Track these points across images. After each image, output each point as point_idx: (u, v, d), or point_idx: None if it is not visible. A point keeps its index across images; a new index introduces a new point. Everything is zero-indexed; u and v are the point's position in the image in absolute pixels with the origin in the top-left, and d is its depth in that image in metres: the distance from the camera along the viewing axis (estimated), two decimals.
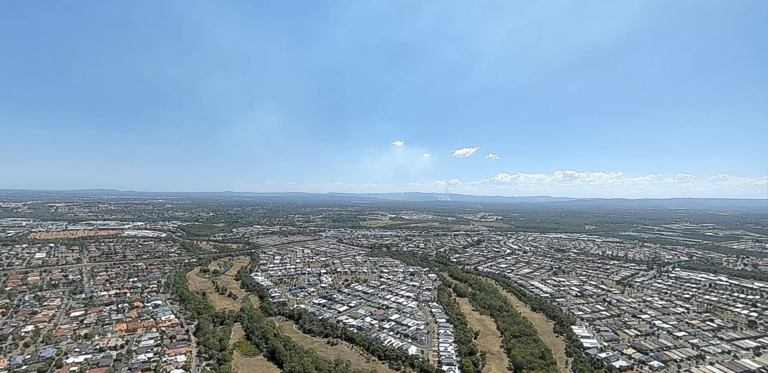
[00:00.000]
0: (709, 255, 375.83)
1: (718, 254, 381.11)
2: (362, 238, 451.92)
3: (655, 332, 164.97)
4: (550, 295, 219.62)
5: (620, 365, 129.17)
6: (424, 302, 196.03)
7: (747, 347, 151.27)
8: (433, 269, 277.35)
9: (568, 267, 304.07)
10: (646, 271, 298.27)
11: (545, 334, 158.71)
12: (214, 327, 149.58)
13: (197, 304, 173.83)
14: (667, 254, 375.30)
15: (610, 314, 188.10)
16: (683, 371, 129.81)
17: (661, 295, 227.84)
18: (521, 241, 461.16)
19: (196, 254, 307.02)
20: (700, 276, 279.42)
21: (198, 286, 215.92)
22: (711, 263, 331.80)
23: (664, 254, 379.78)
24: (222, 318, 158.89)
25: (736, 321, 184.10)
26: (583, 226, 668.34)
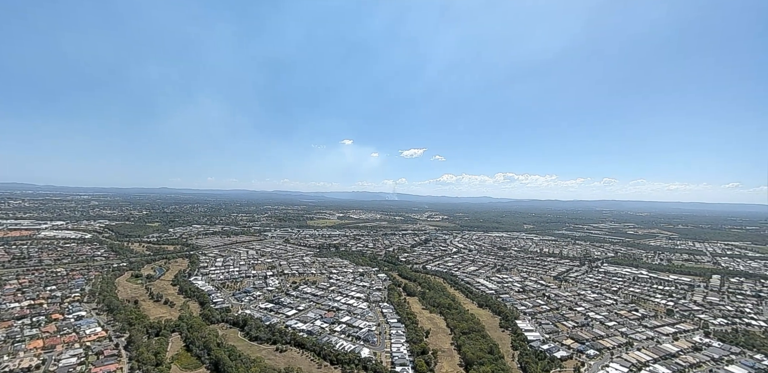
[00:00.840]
0: (631, 251, 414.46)
1: (638, 250, 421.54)
2: (310, 238, 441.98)
3: (590, 323, 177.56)
4: (495, 291, 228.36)
5: (561, 355, 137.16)
6: (374, 303, 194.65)
7: (667, 332, 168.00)
8: (383, 269, 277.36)
9: (510, 264, 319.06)
10: (579, 266, 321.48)
11: (492, 329, 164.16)
12: (149, 339, 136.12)
13: (128, 314, 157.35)
14: (596, 251, 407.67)
15: (549, 308, 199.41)
16: (615, 357, 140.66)
17: (592, 288, 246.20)
18: (466, 240, 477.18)
19: (126, 257, 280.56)
20: (625, 270, 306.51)
21: (129, 293, 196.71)
22: (633, 259, 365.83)
23: (593, 250, 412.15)
24: (158, 329, 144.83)
25: (657, 310, 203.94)
26: (522, 225, 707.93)
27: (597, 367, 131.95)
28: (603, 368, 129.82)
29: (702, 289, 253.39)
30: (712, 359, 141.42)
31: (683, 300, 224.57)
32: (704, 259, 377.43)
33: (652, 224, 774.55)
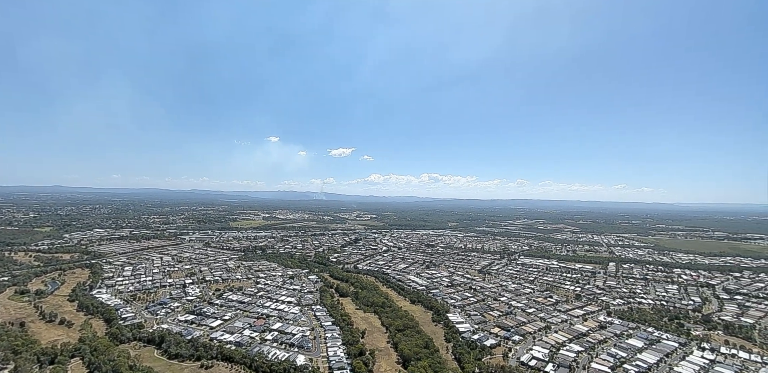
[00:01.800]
0: (543, 244, 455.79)
1: (548, 243, 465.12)
2: (233, 240, 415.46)
3: (513, 311, 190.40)
4: (426, 287, 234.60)
5: (490, 343, 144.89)
6: (307, 306, 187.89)
7: (577, 315, 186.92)
8: (313, 271, 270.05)
9: (438, 260, 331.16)
10: (500, 260, 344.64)
11: (425, 324, 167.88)
12: (41, 369, 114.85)
13: (12, 339, 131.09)
14: (513, 245, 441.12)
15: (476, 300, 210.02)
16: (537, 340, 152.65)
17: (513, 279, 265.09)
18: (395, 238, 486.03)
19: (8, 269, 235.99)
20: (539, 261, 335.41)
21: (13, 314, 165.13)
22: (545, 251, 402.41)
23: (511, 245, 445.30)
24: (52, 355, 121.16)
25: (567, 295, 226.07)
26: (447, 223, 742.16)
27: (522, 351, 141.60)
28: (527, 352, 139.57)
29: (602, 275, 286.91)
30: (615, 334, 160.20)
31: (588, 285, 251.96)
32: (602, 249, 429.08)
33: (558, 220, 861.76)
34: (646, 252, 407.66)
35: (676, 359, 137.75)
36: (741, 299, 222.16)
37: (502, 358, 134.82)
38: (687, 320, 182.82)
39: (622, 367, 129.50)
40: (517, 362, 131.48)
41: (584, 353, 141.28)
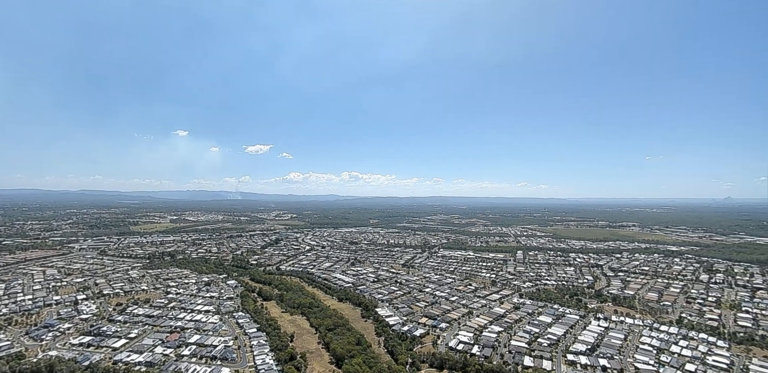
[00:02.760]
0: (459, 237, 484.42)
1: (464, 236, 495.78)
2: (136, 247, 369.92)
3: (438, 301, 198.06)
4: (352, 284, 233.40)
5: (420, 333, 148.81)
6: (227, 314, 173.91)
7: (495, 299, 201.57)
8: (232, 275, 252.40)
9: (363, 257, 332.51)
10: (421, 253, 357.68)
11: (355, 321, 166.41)
12: None
13: None
14: (433, 239, 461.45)
15: (403, 293, 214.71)
16: (462, 326, 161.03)
17: (435, 271, 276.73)
18: (318, 237, 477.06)
19: None
20: (457, 253, 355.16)
21: None
22: (462, 243, 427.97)
23: (430, 239, 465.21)
24: None
25: (484, 282, 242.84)
26: (369, 220, 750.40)
27: (450, 337, 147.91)
28: (454, 337, 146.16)
29: (512, 262, 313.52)
30: (528, 313, 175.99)
31: (501, 272, 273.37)
32: (510, 239, 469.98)
33: (471, 215, 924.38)
34: (546, 240, 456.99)
35: (578, 330, 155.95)
36: (623, 276, 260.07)
37: (432, 346, 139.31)
38: (584, 296, 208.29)
39: (537, 341, 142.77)
40: (446, 348, 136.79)
41: (504, 332, 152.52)
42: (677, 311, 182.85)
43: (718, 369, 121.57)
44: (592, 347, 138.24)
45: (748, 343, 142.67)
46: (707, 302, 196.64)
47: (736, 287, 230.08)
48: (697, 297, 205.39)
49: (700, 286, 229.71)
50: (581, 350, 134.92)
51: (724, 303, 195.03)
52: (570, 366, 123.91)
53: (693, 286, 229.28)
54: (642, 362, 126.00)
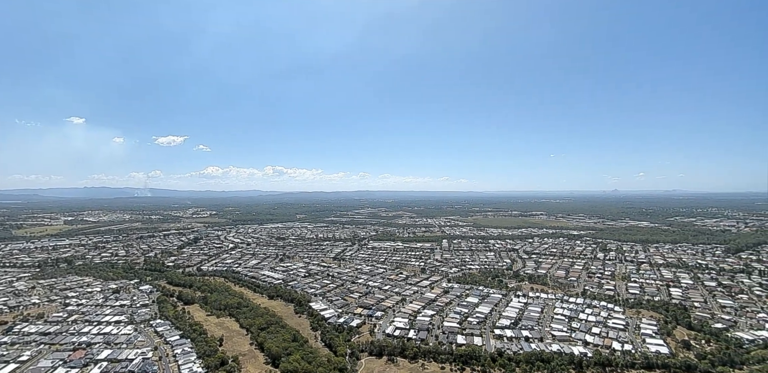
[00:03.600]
0: (388, 229, 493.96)
1: (392, 228, 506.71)
2: (21, 254, 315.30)
3: (371, 291, 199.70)
4: (283, 280, 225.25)
5: (356, 323, 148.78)
6: (143, 323, 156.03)
7: (425, 285, 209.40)
8: (145, 280, 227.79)
9: (292, 252, 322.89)
10: (351, 246, 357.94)
11: (289, 317, 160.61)
12: None
13: None
14: (362, 232, 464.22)
15: (336, 285, 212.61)
16: (396, 313, 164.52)
17: (366, 262, 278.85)
18: (242, 234, 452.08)
19: None
20: (386, 244, 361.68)
21: None
22: (390, 235, 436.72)
23: (359, 231, 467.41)
24: None
25: (414, 270, 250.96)
26: (295, 215, 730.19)
27: (386, 324, 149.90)
28: (390, 324, 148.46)
29: (439, 250, 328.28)
30: (456, 296, 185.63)
31: (429, 260, 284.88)
32: (435, 229, 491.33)
33: (397, 208, 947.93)
34: (468, 229, 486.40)
35: (502, 307, 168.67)
36: (535, 257, 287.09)
37: (370, 334, 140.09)
38: (504, 277, 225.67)
39: (467, 320, 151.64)
40: (384, 335, 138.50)
41: (437, 315, 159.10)
42: (581, 285, 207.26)
43: (617, 330, 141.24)
44: (515, 321, 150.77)
45: (638, 307, 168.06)
46: (604, 276, 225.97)
47: (625, 262, 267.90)
48: (596, 272, 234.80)
49: (598, 263, 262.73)
50: (506, 324, 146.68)
51: (617, 276, 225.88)
52: (498, 340, 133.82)
53: (592, 263, 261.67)
54: (557, 329, 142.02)
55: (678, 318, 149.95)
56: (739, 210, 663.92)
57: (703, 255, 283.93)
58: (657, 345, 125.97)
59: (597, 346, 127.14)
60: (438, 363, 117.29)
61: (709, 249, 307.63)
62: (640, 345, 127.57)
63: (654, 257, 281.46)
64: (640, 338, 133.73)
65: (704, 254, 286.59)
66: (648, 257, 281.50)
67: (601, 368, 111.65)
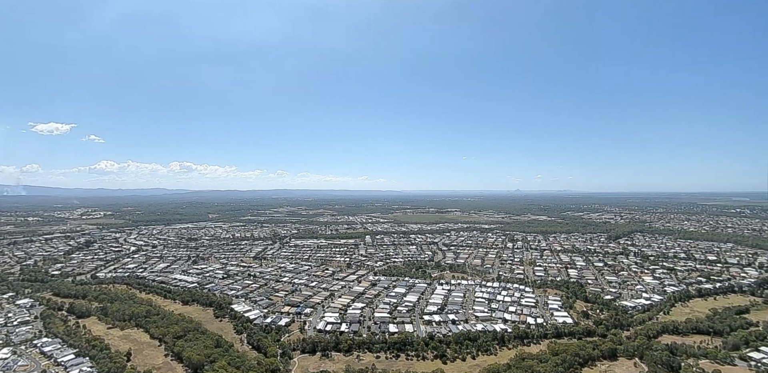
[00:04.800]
0: (309, 227, 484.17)
1: (314, 226, 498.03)
2: None
3: (297, 288, 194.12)
4: (198, 283, 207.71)
5: (285, 322, 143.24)
6: (25, 344, 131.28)
7: (352, 279, 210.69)
8: (23, 292, 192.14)
9: (206, 253, 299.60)
10: (272, 244, 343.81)
11: (209, 322, 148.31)
12: None
13: None
14: (282, 230, 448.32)
15: (259, 285, 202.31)
16: (326, 308, 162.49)
17: (289, 260, 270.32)
18: (146, 235, 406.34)
19: None
20: (309, 242, 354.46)
21: None
22: (312, 232, 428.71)
23: (280, 230, 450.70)
24: None
25: (340, 266, 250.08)
26: (207, 215, 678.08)
27: (316, 320, 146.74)
28: (321, 319, 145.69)
29: (363, 245, 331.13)
30: (384, 288, 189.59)
31: (354, 255, 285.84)
32: (357, 226, 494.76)
33: (318, 206, 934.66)
34: (389, 225, 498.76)
35: (428, 295, 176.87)
36: (454, 249, 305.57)
37: (300, 332, 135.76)
38: (427, 268, 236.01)
39: (396, 310, 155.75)
40: (315, 331, 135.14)
41: (366, 307, 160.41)
42: (496, 271, 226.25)
43: (529, 307, 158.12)
44: (441, 306, 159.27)
45: (545, 286, 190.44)
46: (514, 262, 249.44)
47: (530, 249, 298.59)
48: (507, 259, 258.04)
49: (508, 251, 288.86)
50: (433, 310, 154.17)
51: (525, 261, 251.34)
52: (427, 325, 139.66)
53: (503, 252, 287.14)
54: (479, 310, 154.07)
55: (577, 294, 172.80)
56: (615, 206, 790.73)
57: (591, 242, 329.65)
58: (563, 317, 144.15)
59: (515, 322, 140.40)
60: (373, 353, 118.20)
61: (595, 237, 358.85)
62: (549, 318, 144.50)
63: (553, 244, 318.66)
64: (548, 313, 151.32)
65: (592, 241, 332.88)
66: (548, 244, 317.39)
67: (519, 340, 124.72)
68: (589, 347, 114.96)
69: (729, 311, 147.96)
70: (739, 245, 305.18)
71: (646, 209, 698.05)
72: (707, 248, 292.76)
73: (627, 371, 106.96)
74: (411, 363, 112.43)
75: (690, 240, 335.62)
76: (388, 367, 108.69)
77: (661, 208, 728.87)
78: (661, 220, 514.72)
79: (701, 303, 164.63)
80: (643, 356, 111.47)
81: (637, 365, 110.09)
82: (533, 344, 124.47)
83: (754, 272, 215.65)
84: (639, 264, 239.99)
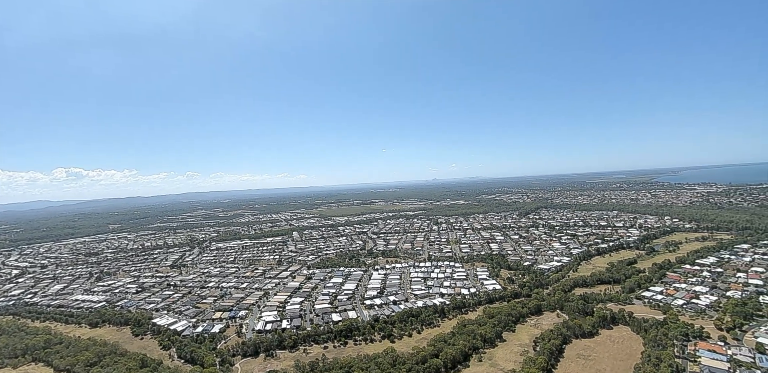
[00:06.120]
0: (230, 229, 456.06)
1: (235, 227, 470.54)
2: None
3: (227, 292, 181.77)
4: (107, 302, 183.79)
5: (219, 328, 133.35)
6: None
7: (286, 276, 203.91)
8: None
9: (112, 268, 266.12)
10: (191, 250, 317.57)
11: (127, 343, 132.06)
12: None
13: None
14: (200, 235, 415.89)
15: (182, 294, 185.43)
16: (263, 307, 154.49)
17: (213, 264, 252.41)
18: (31, 255, 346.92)
19: None
20: (232, 243, 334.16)
21: None
22: (234, 234, 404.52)
23: (197, 235, 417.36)
24: None
25: (271, 264, 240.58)
26: (107, 226, 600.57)
27: (253, 321, 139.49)
28: (259, 320, 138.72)
29: (291, 242, 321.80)
30: (321, 279, 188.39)
31: (284, 252, 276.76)
32: (283, 224, 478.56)
33: (236, 207, 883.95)
34: (316, 220, 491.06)
35: (366, 281, 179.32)
36: (383, 236, 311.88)
37: (238, 336, 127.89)
38: (360, 256, 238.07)
39: (337, 299, 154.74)
40: (254, 333, 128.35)
41: (306, 301, 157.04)
42: (426, 252, 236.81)
43: (461, 280, 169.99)
44: (380, 290, 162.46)
45: (472, 261, 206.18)
46: (442, 243, 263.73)
47: (454, 230, 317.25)
48: (435, 241, 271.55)
49: (434, 233, 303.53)
50: (373, 295, 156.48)
51: (451, 241, 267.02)
52: (370, 309, 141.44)
53: (430, 234, 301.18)
54: (417, 289, 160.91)
55: (500, 263, 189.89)
56: (521, 188, 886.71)
57: (506, 219, 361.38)
58: (492, 285, 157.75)
59: (451, 295, 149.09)
60: (320, 344, 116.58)
61: (508, 214, 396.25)
62: (480, 287, 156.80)
63: (474, 224, 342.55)
64: (479, 283, 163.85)
65: (506, 218, 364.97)
66: (470, 224, 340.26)
67: (458, 310, 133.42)
68: (519, 306, 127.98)
69: (622, 264, 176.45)
70: (622, 212, 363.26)
71: (546, 189, 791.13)
72: (599, 216, 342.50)
73: (552, 321, 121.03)
74: (360, 347, 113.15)
75: (585, 211, 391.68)
76: (338, 355, 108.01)
77: (559, 187, 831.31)
78: (560, 197, 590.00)
79: (600, 260, 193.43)
80: (563, 307, 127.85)
81: (559, 315, 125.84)
82: (471, 311, 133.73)
83: (636, 232, 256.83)
84: (548, 234, 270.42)
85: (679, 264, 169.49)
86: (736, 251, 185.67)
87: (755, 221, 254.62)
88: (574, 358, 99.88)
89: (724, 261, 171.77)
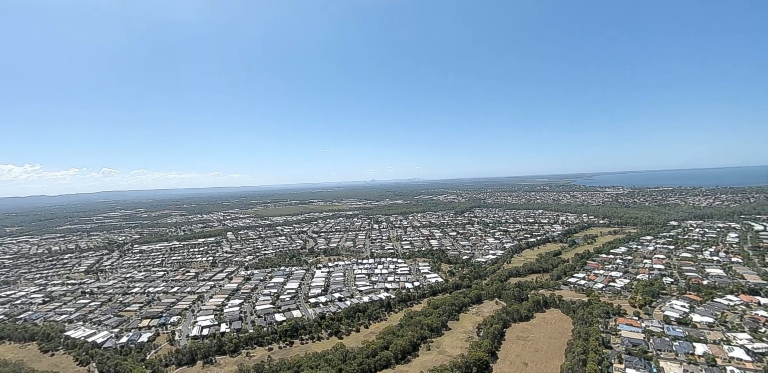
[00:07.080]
0: (155, 230, 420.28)
1: (161, 228, 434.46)
2: None
3: (155, 297, 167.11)
4: (6, 315, 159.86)
5: (148, 337, 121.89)
6: None
7: (221, 278, 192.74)
8: None
9: (11, 276, 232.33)
10: (110, 254, 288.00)
11: (35, 360, 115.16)
12: None
13: None
14: (119, 237, 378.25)
15: (101, 302, 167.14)
16: (197, 312, 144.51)
17: (137, 268, 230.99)
18: None
19: None
20: (158, 245, 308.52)
21: None
22: (161, 235, 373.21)
23: (115, 237, 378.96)
24: None
25: (204, 266, 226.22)
26: (3, 229, 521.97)
27: (187, 327, 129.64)
28: (193, 325, 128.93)
29: (226, 242, 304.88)
30: (260, 280, 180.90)
31: (218, 253, 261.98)
32: (215, 224, 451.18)
33: (162, 207, 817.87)
34: (251, 220, 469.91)
35: (309, 280, 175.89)
36: (324, 235, 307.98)
37: (170, 344, 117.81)
38: (301, 255, 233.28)
39: (279, 299, 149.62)
40: (189, 339, 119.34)
41: (245, 303, 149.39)
42: (368, 250, 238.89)
43: (405, 274, 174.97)
44: (325, 288, 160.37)
45: (413, 256, 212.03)
46: (383, 240, 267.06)
47: (395, 228, 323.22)
48: (376, 238, 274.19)
49: (375, 232, 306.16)
50: (318, 292, 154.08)
51: (392, 238, 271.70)
52: (314, 307, 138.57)
53: (371, 232, 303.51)
54: (362, 285, 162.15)
55: (441, 258, 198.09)
56: (456, 189, 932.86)
57: (443, 217, 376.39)
58: (434, 278, 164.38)
59: (395, 289, 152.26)
60: (264, 346, 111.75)
61: (445, 213, 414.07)
62: (423, 281, 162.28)
63: (413, 222, 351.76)
64: (422, 277, 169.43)
65: (444, 217, 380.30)
66: (409, 222, 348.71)
67: (404, 303, 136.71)
68: (460, 296, 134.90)
69: (549, 255, 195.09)
70: (546, 210, 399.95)
71: (479, 190, 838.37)
72: (526, 214, 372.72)
73: (492, 308, 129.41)
74: (307, 346, 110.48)
75: (514, 210, 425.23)
76: (284, 355, 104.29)
77: (490, 189, 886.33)
78: (491, 197, 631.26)
79: (530, 252, 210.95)
80: (500, 295, 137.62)
81: (498, 302, 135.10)
82: (416, 304, 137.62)
83: (559, 227, 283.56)
84: (482, 230, 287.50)
85: (597, 254, 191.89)
86: (642, 242, 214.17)
87: (655, 217, 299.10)
88: (514, 340, 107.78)
89: (632, 250, 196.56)
